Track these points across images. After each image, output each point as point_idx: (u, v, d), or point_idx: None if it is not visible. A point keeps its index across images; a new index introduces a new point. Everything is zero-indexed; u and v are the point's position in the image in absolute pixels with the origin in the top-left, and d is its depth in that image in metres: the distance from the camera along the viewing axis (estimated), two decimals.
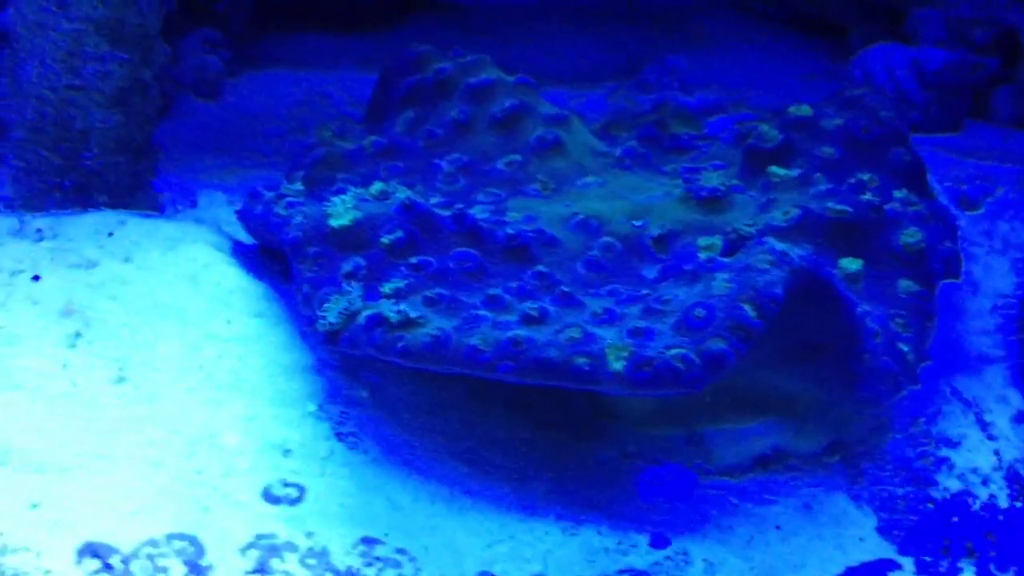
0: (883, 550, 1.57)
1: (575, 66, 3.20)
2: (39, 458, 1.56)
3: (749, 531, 1.62)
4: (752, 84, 2.99)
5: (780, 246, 1.65)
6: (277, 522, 1.48)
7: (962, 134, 2.55)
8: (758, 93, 2.91)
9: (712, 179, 1.98)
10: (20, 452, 1.56)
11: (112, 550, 1.39)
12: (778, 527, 1.62)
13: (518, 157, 2.09)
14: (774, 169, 1.99)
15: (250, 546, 1.43)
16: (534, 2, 3.94)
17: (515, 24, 3.62)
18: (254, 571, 1.40)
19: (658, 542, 1.57)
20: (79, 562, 1.38)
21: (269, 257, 1.94)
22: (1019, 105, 2.64)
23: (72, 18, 1.98)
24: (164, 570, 1.37)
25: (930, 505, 1.61)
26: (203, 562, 1.39)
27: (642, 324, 1.59)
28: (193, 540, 1.41)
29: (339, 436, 1.67)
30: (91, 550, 1.38)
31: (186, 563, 1.39)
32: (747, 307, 1.55)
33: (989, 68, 2.63)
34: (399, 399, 1.77)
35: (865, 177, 1.94)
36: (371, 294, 1.70)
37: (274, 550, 1.43)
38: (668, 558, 1.58)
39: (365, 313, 1.65)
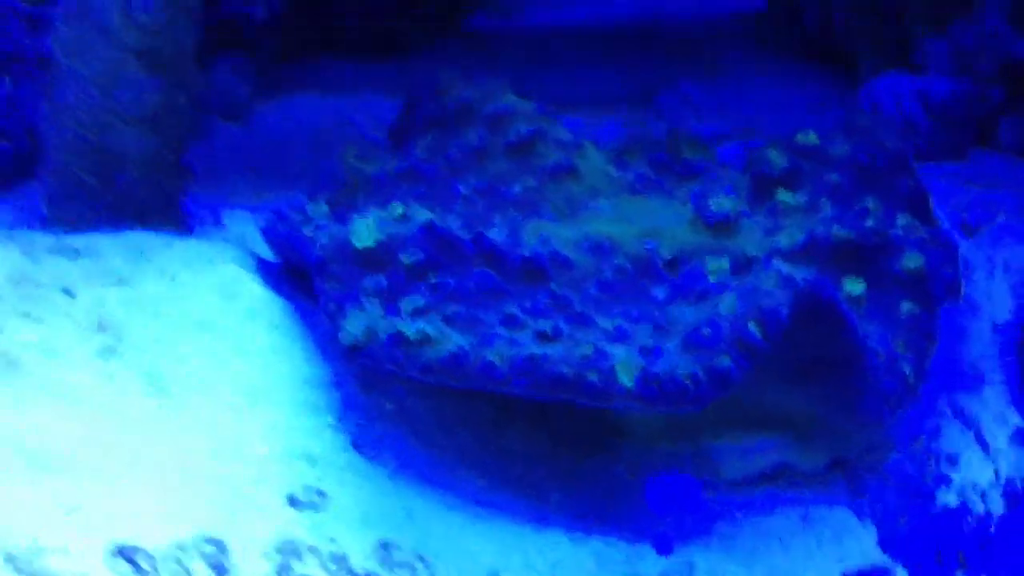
0: (881, 562, 1.62)
1: (593, 92, 3.28)
2: (74, 466, 1.63)
3: (752, 543, 1.68)
4: (764, 112, 3.06)
5: (786, 268, 1.72)
6: (299, 527, 1.56)
7: (966, 162, 2.61)
8: (770, 121, 2.98)
9: (722, 204, 2.05)
10: (56, 459, 1.63)
11: (141, 551, 1.46)
12: (780, 539, 1.68)
13: (534, 181, 2.16)
14: (781, 194, 2.06)
15: (273, 549, 1.51)
16: (555, 30, 4.03)
17: (537, 50, 3.70)
18: (276, 573, 1.47)
19: (662, 546, 1.63)
20: (110, 563, 1.45)
21: (291, 275, 2.02)
22: (1023, 134, 2.70)
23: (111, 45, 2.07)
24: (190, 571, 1.44)
25: (928, 519, 1.67)
26: (227, 564, 1.47)
27: (651, 342, 1.66)
28: (219, 543, 1.49)
29: (357, 447, 1.74)
30: (121, 552, 1.45)
31: (211, 565, 1.46)
32: (752, 326, 1.61)
33: (994, 98, 2.70)
34: (417, 414, 1.83)
35: (870, 203, 2.01)
36: (392, 312, 1.78)
37: (296, 553, 1.51)
38: (674, 568, 1.64)
39: (386, 330, 1.73)
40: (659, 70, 3.36)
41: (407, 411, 1.83)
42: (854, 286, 1.84)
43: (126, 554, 1.47)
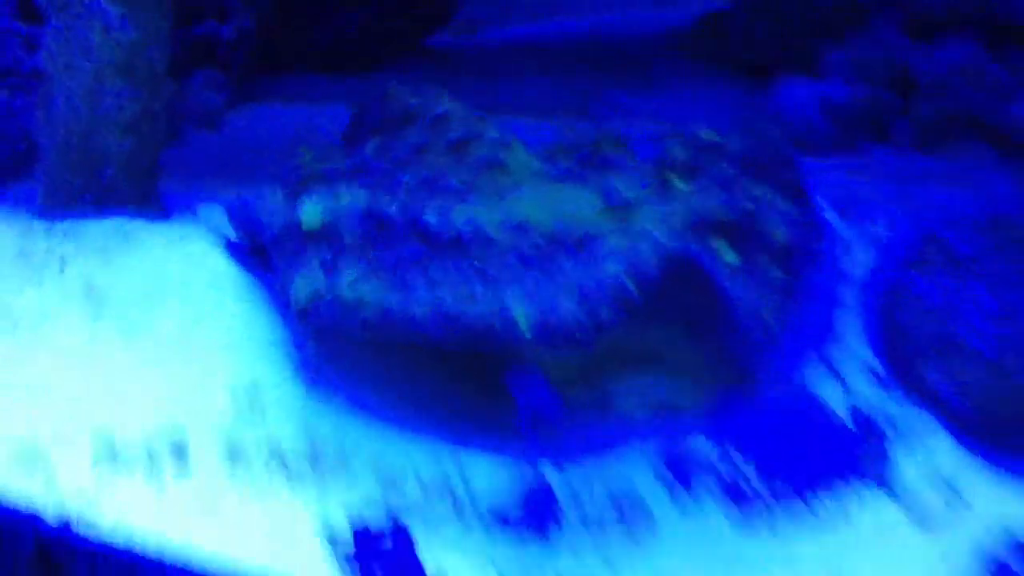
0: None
1: (536, 102, 3.61)
2: (66, 395, 1.96)
3: (640, 460, 1.99)
4: (689, 118, 3.39)
5: (661, 238, 2.05)
6: (249, 433, 1.90)
7: (857, 157, 2.95)
8: (693, 125, 3.31)
9: (627, 191, 2.38)
10: (54, 392, 1.96)
11: (118, 440, 1.82)
12: (660, 457, 2.00)
13: (468, 175, 2.49)
14: (679, 182, 2.39)
15: (224, 447, 1.85)
16: (510, 46, 4.36)
17: (492, 65, 4.03)
18: (226, 458, 1.83)
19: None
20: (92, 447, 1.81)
21: (255, 253, 2.34)
22: (914, 134, 3.03)
23: (94, 60, 2.40)
24: (158, 455, 1.81)
25: (788, 434, 2.00)
26: (186, 453, 1.82)
27: (551, 300, 1.98)
28: (181, 443, 1.84)
29: (310, 392, 2.06)
30: (103, 440, 1.81)
31: (173, 453, 1.81)
32: (628, 282, 1.94)
33: (888, 102, 3.03)
34: (366, 365, 2.14)
35: (753, 191, 2.34)
36: (334, 279, 2.10)
37: (243, 454, 1.85)
38: (573, 479, 1.95)
39: (328, 294, 2.05)
40: (599, 82, 3.69)
41: (357, 363, 2.15)
42: (730, 256, 2.16)
43: (105, 440, 1.83)
